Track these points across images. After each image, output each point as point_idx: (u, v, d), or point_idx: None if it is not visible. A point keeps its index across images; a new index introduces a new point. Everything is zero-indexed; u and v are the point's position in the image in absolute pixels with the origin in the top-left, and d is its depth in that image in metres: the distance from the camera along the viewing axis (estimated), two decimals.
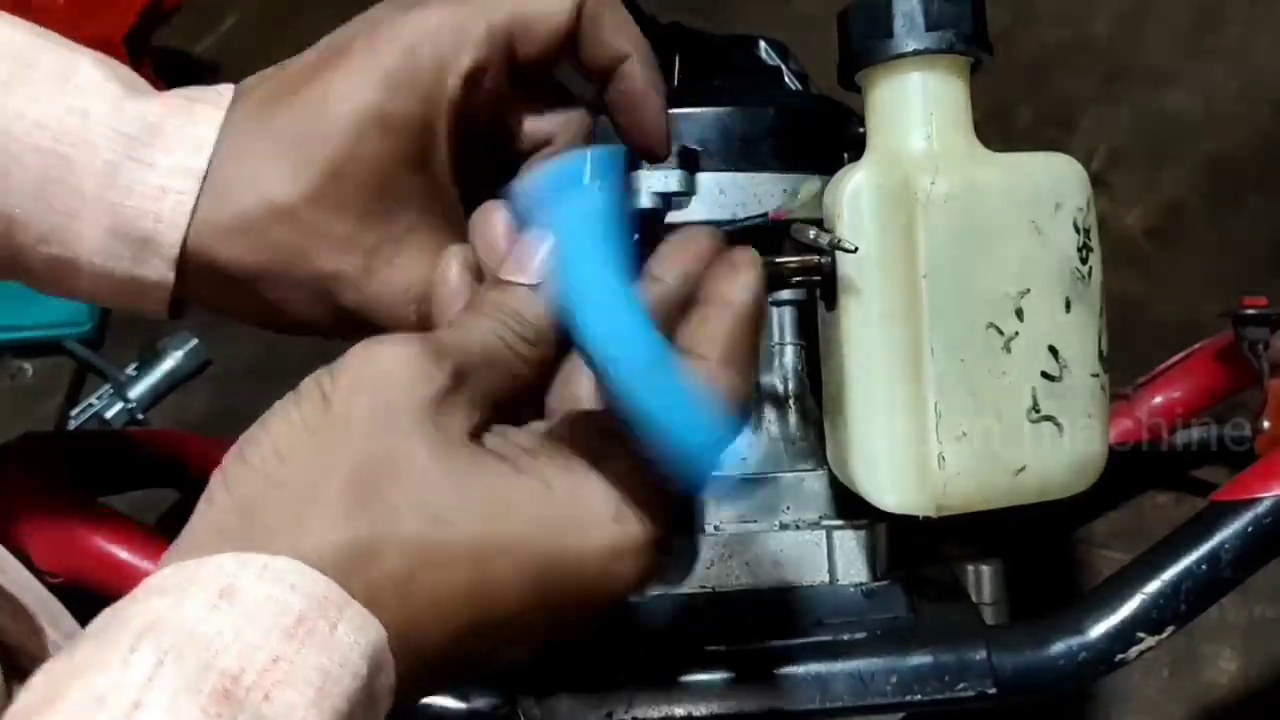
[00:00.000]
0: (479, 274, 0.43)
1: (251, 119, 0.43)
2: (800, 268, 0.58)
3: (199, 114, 0.43)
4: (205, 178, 0.42)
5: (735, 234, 0.68)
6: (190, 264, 0.43)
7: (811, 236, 0.57)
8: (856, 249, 0.54)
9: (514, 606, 0.37)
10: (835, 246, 0.55)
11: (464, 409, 0.37)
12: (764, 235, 0.69)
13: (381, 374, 0.37)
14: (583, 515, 0.37)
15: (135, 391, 1.26)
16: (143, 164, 0.42)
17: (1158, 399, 0.96)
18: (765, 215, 0.60)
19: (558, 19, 0.44)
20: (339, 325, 0.45)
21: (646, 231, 0.45)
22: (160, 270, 0.43)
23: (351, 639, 0.33)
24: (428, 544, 0.35)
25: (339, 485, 0.35)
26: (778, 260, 0.58)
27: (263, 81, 0.44)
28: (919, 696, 0.60)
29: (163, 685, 0.30)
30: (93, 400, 1.26)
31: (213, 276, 0.44)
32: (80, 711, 0.30)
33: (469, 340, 0.39)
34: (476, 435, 0.38)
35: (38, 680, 0.31)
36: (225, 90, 0.44)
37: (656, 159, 0.48)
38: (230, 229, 0.43)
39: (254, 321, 0.46)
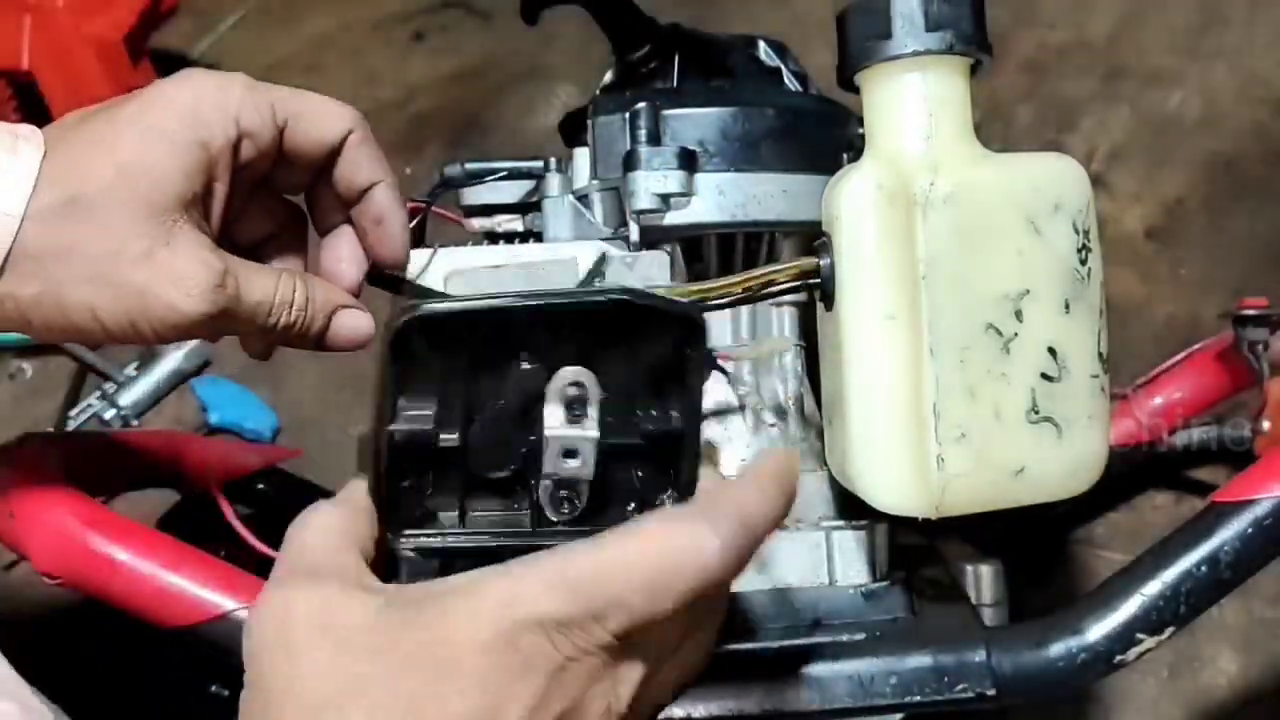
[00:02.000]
0: None
1: (57, 139, 0.50)
2: (797, 273, 0.58)
3: (21, 146, 0.49)
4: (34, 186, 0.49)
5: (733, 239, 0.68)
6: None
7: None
8: None
9: None
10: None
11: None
12: (758, 239, 0.69)
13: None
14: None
15: (135, 392, 1.26)
16: None
17: (1158, 399, 0.96)
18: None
19: (329, 136, 0.54)
20: (124, 317, 0.50)
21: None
22: None
23: None
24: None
25: None
26: (773, 269, 0.58)
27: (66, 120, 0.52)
28: (918, 698, 0.60)
29: None
30: (92, 401, 1.26)
31: (22, 271, 0.49)
32: None
33: None
34: None
35: None
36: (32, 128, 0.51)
37: (399, 267, 0.57)
38: (41, 219, 0.49)
39: (41, 323, 0.51)
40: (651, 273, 0.56)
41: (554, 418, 0.46)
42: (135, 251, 0.50)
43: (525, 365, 0.46)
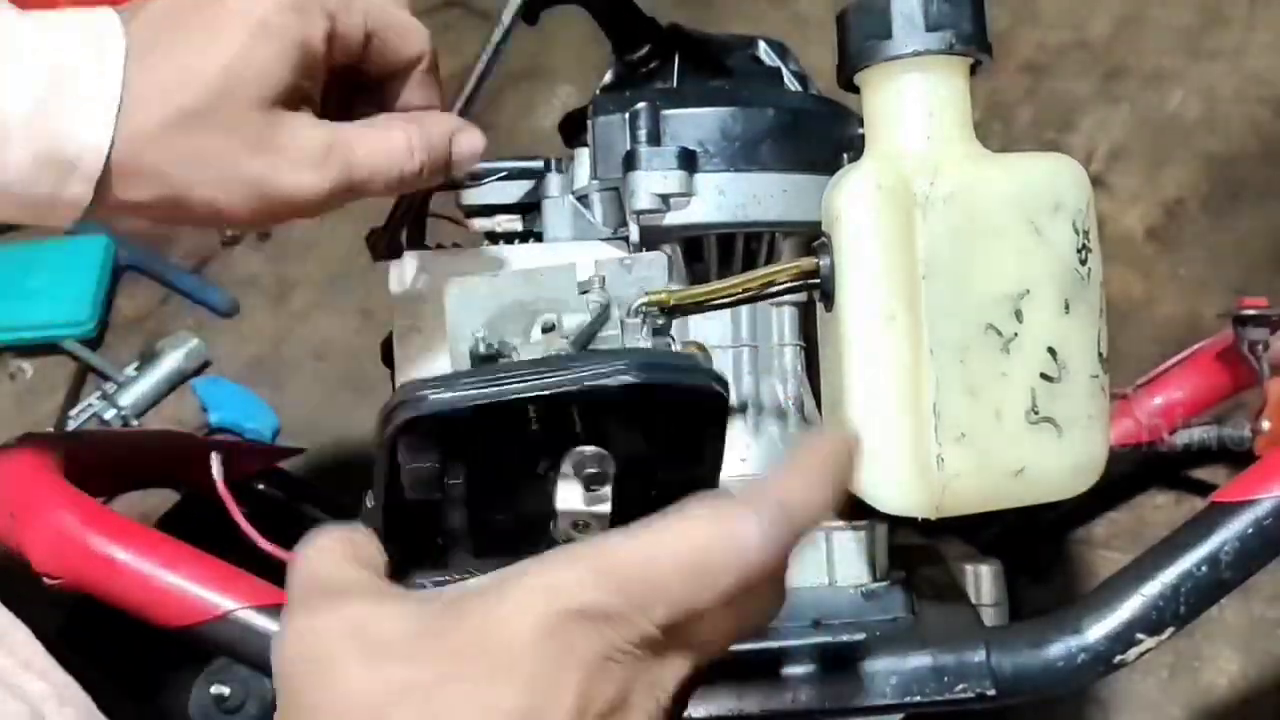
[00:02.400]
0: None
1: (149, 42, 0.51)
2: (797, 273, 0.58)
3: (107, 46, 0.50)
4: (120, 101, 0.49)
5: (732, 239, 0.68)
6: (113, 175, 0.50)
7: None
8: None
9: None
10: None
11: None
12: (758, 239, 0.69)
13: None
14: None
15: (134, 392, 1.26)
16: (65, 95, 0.49)
17: (1158, 399, 0.96)
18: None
19: (407, 53, 0.58)
20: (246, 206, 0.52)
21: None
22: (79, 190, 0.50)
23: None
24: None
25: None
26: (773, 269, 0.58)
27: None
28: (918, 697, 0.60)
29: None
30: (92, 400, 1.26)
31: (137, 181, 0.51)
32: None
33: None
34: None
35: None
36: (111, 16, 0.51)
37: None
38: (153, 138, 0.50)
39: (160, 217, 0.54)
40: (650, 274, 0.56)
41: (567, 495, 0.44)
42: (251, 144, 0.51)
43: (534, 427, 0.44)
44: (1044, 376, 0.58)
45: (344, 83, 0.57)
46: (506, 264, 0.65)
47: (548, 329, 0.56)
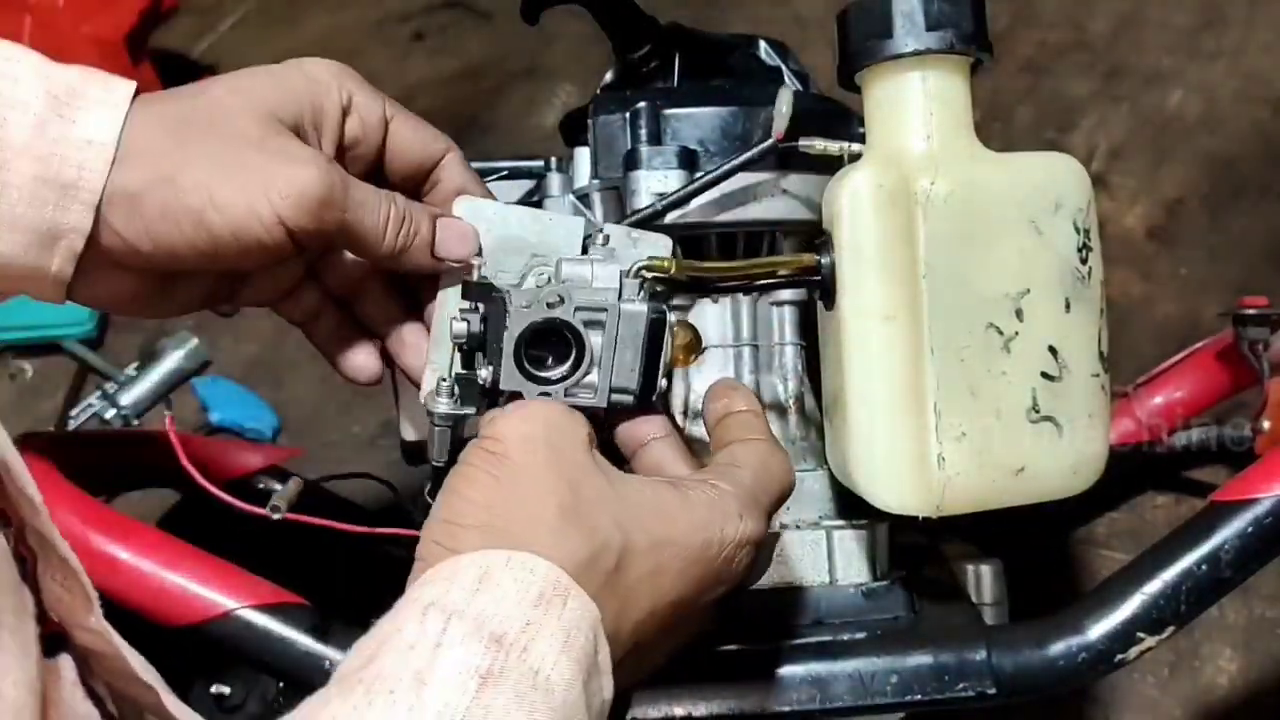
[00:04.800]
0: None
1: (152, 101, 0.52)
2: (799, 267, 0.58)
3: (113, 83, 0.51)
4: (120, 134, 0.50)
5: (728, 238, 0.68)
6: (107, 207, 0.50)
7: (820, 148, 0.60)
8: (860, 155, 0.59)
9: (675, 591, 0.48)
10: (850, 155, 0.59)
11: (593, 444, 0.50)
12: (759, 239, 0.69)
13: (547, 426, 0.48)
14: (720, 516, 0.49)
15: (135, 392, 1.26)
16: (68, 121, 0.50)
17: (1158, 399, 0.96)
18: (773, 142, 0.61)
19: (429, 150, 0.58)
20: (241, 196, 0.51)
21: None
22: (79, 215, 0.50)
23: (579, 612, 0.44)
24: (620, 547, 0.46)
25: (553, 514, 0.46)
26: (776, 259, 0.58)
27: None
28: (919, 696, 0.60)
29: (453, 636, 0.41)
30: (92, 400, 1.26)
31: (133, 164, 0.51)
32: (397, 656, 0.41)
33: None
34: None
35: (352, 651, 0.42)
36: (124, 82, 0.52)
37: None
38: (152, 133, 0.51)
39: (150, 218, 0.52)
40: (655, 254, 0.57)
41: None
42: (252, 138, 0.51)
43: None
44: (1044, 375, 0.58)
45: (363, 169, 0.57)
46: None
47: (542, 280, 0.57)
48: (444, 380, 0.54)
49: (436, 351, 0.58)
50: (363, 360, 0.60)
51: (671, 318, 0.55)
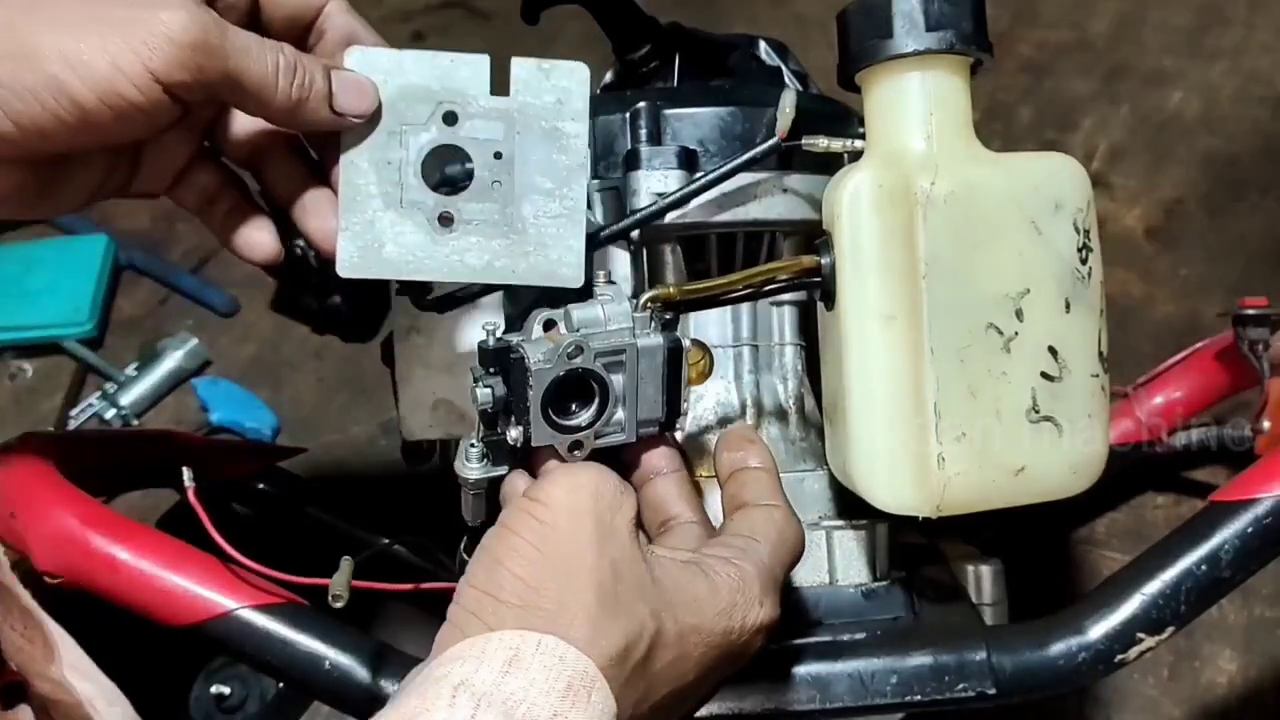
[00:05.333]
0: None
1: None
2: (799, 270, 0.58)
3: None
4: None
5: (724, 241, 0.68)
6: None
7: (824, 146, 0.60)
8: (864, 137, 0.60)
9: (695, 676, 0.49)
10: (851, 153, 0.60)
11: (637, 520, 0.50)
12: (759, 239, 0.69)
13: (596, 500, 0.48)
14: (743, 602, 0.50)
15: (134, 392, 1.26)
16: None
17: (1158, 399, 0.96)
18: (777, 141, 0.61)
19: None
20: (104, 52, 0.46)
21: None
22: None
23: (601, 706, 0.44)
24: (651, 636, 0.47)
25: (592, 599, 0.46)
26: (774, 265, 0.58)
27: None
28: (919, 697, 0.60)
29: None
30: (92, 400, 1.26)
31: None
32: None
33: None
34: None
35: None
36: None
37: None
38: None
39: (13, 152, 0.48)
40: (569, 85, 0.56)
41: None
42: None
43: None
44: (1044, 376, 0.58)
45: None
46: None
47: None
48: (473, 446, 0.55)
49: (348, 215, 0.56)
50: (260, 236, 0.57)
51: (686, 342, 0.56)
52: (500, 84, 0.57)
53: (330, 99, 0.52)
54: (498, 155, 0.57)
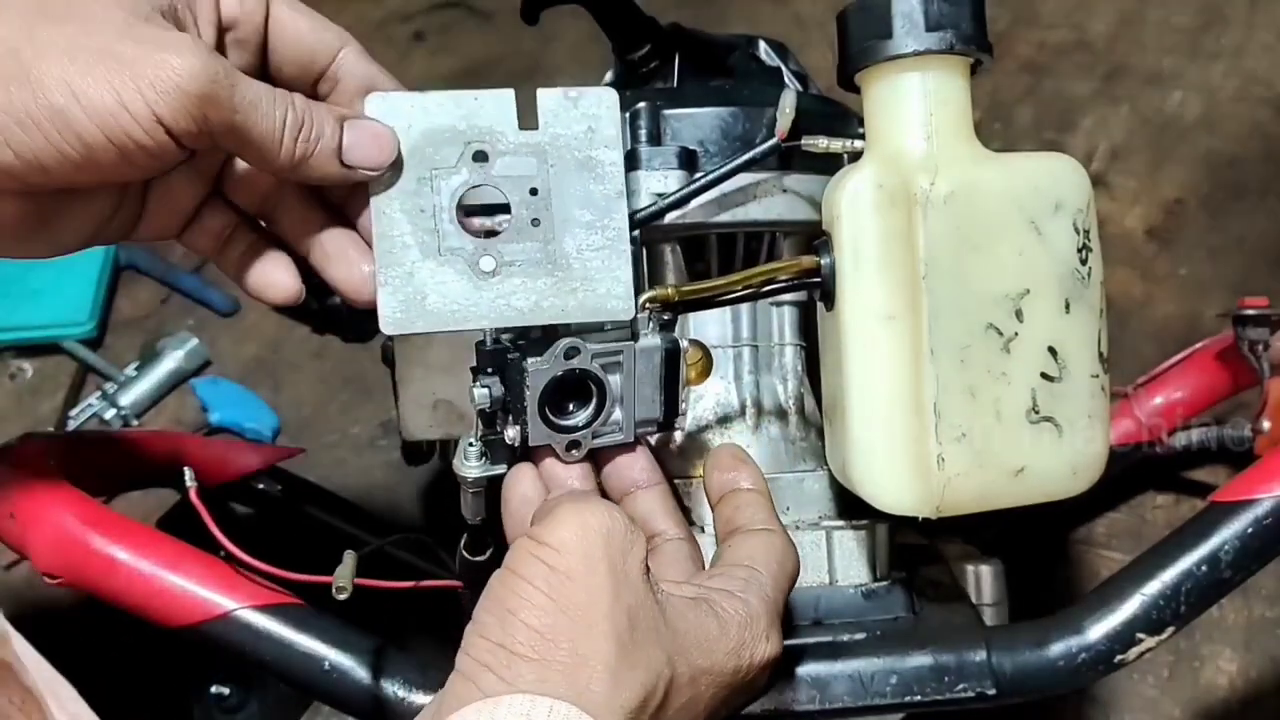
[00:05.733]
0: None
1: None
2: (798, 270, 0.58)
3: None
4: None
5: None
6: None
7: (824, 146, 0.60)
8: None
9: (705, 713, 0.49)
10: (852, 153, 0.60)
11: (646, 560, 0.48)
12: (759, 239, 0.69)
13: (608, 544, 0.46)
14: (751, 638, 0.50)
15: (134, 392, 1.26)
16: None
17: (1158, 399, 0.96)
18: (777, 141, 0.61)
19: (319, 46, 0.53)
20: (107, 88, 0.45)
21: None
22: None
23: None
24: (667, 683, 0.46)
25: (611, 651, 0.45)
26: (774, 266, 0.58)
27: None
28: (919, 697, 0.60)
29: None
30: (92, 401, 1.26)
31: None
32: None
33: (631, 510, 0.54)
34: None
35: None
36: None
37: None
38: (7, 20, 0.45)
39: (11, 184, 0.47)
40: (599, 113, 0.55)
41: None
42: (117, 22, 0.45)
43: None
44: (1044, 376, 0.58)
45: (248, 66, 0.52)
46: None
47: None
48: (471, 445, 0.54)
49: (386, 269, 0.53)
50: (279, 276, 0.55)
51: (684, 342, 0.56)
52: (527, 117, 0.55)
53: (339, 152, 0.51)
54: (533, 191, 0.55)
